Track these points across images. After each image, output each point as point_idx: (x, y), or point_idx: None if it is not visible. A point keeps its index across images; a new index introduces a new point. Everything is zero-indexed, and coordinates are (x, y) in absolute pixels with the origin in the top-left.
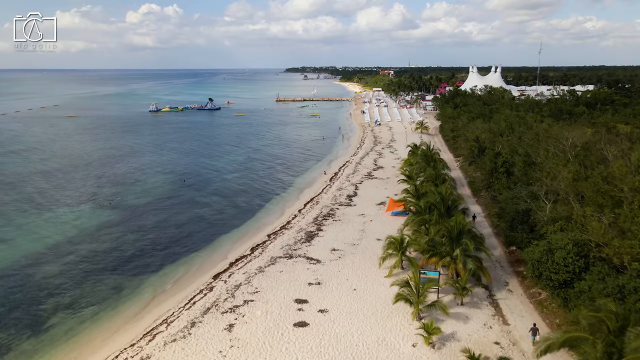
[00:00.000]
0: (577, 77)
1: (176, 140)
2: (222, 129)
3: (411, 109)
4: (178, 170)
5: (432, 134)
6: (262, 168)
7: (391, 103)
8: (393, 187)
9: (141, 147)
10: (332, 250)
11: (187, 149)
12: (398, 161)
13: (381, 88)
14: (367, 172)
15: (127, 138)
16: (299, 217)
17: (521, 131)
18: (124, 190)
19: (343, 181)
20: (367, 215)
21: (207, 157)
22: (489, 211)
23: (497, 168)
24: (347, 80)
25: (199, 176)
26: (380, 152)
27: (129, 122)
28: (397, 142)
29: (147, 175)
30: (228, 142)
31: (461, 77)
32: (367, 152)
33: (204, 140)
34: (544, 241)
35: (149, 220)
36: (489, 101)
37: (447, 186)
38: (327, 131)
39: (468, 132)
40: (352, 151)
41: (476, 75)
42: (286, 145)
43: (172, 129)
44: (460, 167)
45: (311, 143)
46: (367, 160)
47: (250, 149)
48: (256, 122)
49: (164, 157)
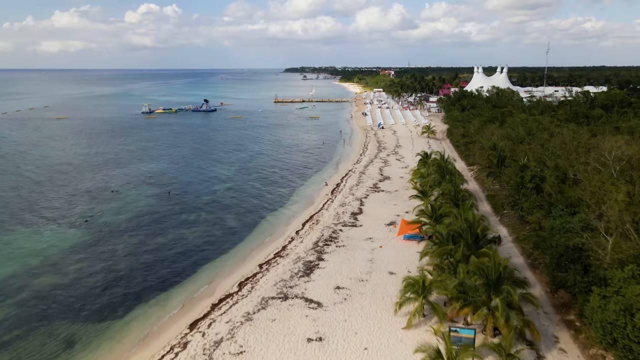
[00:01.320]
0: (584, 78)
1: (166, 145)
2: (216, 133)
3: (415, 111)
4: (164, 181)
5: (440, 139)
6: (256, 178)
7: (393, 104)
8: (403, 202)
9: (127, 153)
10: (336, 289)
11: (176, 156)
12: (406, 170)
13: (382, 89)
14: (372, 183)
15: (114, 143)
16: (296, 241)
17: (543, 138)
18: (101, 206)
19: (346, 194)
20: (375, 239)
21: (197, 164)
22: (517, 234)
23: (525, 183)
24: (346, 81)
25: (186, 187)
26: (386, 159)
27: (119, 124)
28: (403, 148)
29: (129, 186)
30: (221, 148)
31: (464, 78)
32: (371, 160)
33: (195, 146)
34: (618, 297)
35: (124, 244)
36: (499, 103)
37: (472, 210)
38: (327, 135)
39: (483, 138)
40: (354, 158)
41: (481, 75)
42: (284, 151)
43: (163, 132)
44: (476, 178)
45: (310, 148)
46: (371, 169)
47: (244, 156)
48: (253, 124)
49: (150, 164)
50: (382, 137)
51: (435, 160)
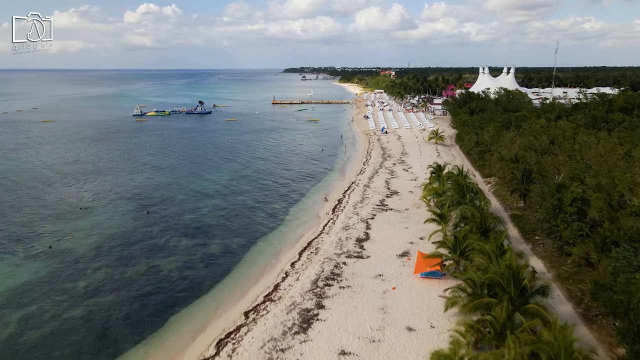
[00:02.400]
0: (592, 79)
1: (152, 152)
2: (208, 138)
3: (418, 114)
4: (144, 195)
5: (448, 145)
6: (248, 192)
7: (396, 106)
8: (416, 224)
9: (108, 161)
10: (341, 355)
11: (162, 165)
12: (416, 183)
13: (383, 90)
14: (379, 199)
15: (96, 149)
16: (291, 278)
17: (572, 149)
18: (69, 226)
19: (349, 214)
20: (386, 276)
21: (184, 175)
22: (557, 269)
23: (564, 207)
24: (346, 81)
25: (168, 204)
26: (392, 169)
27: (106, 128)
28: (410, 156)
29: (104, 201)
30: (212, 155)
31: (466, 78)
32: (376, 170)
33: (184, 152)
34: None
35: (86, 280)
36: (509, 106)
37: (511, 252)
38: (327, 140)
39: (501, 147)
40: (357, 167)
41: (487, 76)
42: (280, 159)
43: (152, 137)
44: (495, 193)
45: (309, 156)
46: (377, 182)
47: (237, 165)
48: (249, 128)
49: (132, 175)
50: (387, 143)
51: (450, 174)
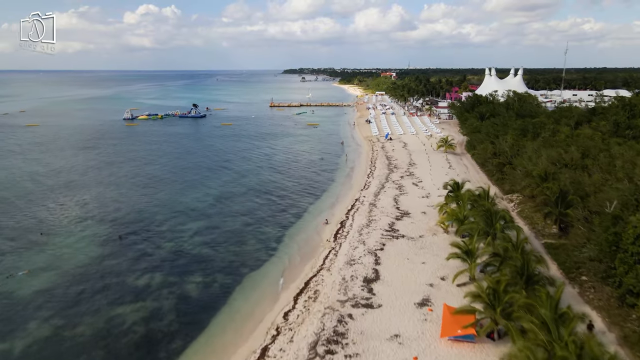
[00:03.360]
0: (600, 80)
1: (136, 161)
2: (200, 144)
3: (423, 117)
4: (119, 215)
5: (459, 154)
6: (238, 212)
7: (399, 110)
8: (434, 257)
9: (84, 172)
10: None
11: (143, 177)
12: (428, 201)
13: (384, 92)
14: (387, 222)
15: (76, 158)
16: (283, 338)
17: (610, 164)
18: (23, 258)
19: (354, 242)
20: (405, 337)
21: (167, 190)
22: (622, 329)
23: (623, 244)
24: (346, 83)
25: (145, 227)
26: (400, 183)
27: (93, 133)
28: (418, 167)
29: (70, 224)
30: (202, 165)
31: (469, 80)
32: (382, 184)
33: (171, 162)
34: None
35: (30, 337)
36: (522, 111)
37: (575, 320)
38: (327, 147)
39: (524, 159)
40: (361, 180)
41: (495, 78)
42: (275, 170)
43: (139, 144)
44: (521, 214)
45: (307, 166)
46: (384, 199)
47: (228, 177)
48: (243, 133)
49: (108, 190)
50: (392, 151)
51: (470, 194)
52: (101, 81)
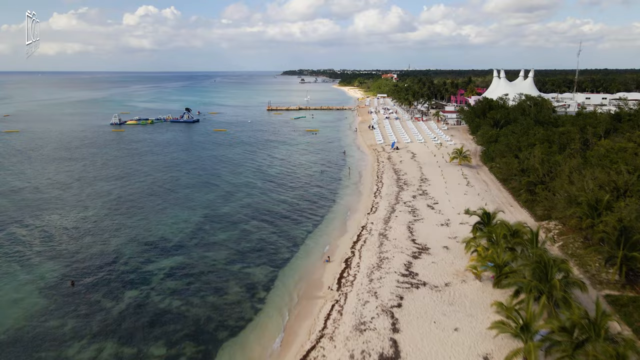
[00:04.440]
0: (615, 82)
1: (113, 175)
2: (188, 154)
3: (429, 123)
4: (78, 249)
5: (475, 166)
6: (220, 244)
7: (403, 114)
8: (469, 321)
9: (50, 190)
10: None
11: (117, 197)
12: (449, 231)
13: (386, 94)
14: (403, 262)
15: (46, 171)
16: None
17: None
18: None
19: (364, 294)
20: None
21: (142, 214)
22: None
23: None
24: (346, 84)
25: (107, 265)
26: (413, 205)
27: (74, 141)
28: (432, 184)
29: (13, 261)
30: (186, 181)
31: (474, 82)
32: (392, 206)
33: (152, 178)
34: None
35: None
36: (540, 117)
37: None
38: (327, 157)
39: (564, 182)
40: (367, 201)
41: (504, 81)
42: (268, 187)
43: (121, 153)
44: (565, 249)
45: (306, 182)
46: (396, 228)
47: (213, 196)
48: (237, 141)
49: (72, 213)
50: (400, 164)
51: (506, 230)
52: (98, 83)
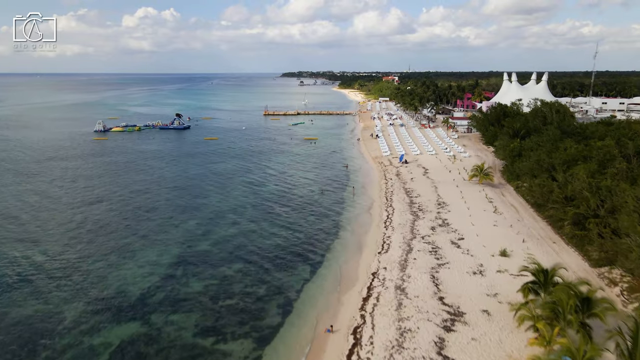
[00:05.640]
0: (630, 86)
1: (75, 199)
2: (172, 169)
3: (437, 130)
4: (9, 311)
5: (497, 185)
6: (191, 303)
7: (408, 120)
8: None
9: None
10: None
11: (72, 227)
12: (486, 283)
13: (388, 97)
14: (432, 338)
15: (1, 192)
16: None
17: None
18: None
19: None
20: None
21: (98, 256)
22: None
23: None
24: (347, 87)
25: (37, 342)
26: (433, 241)
27: (49, 151)
28: (452, 210)
29: None
30: (163, 206)
31: (479, 85)
32: (408, 242)
33: (123, 200)
34: None
35: None
36: (565, 126)
37: None
38: (328, 172)
39: (631, 217)
40: (376, 233)
41: (516, 85)
42: (258, 214)
43: (96, 169)
44: None
45: (302, 205)
46: (416, 277)
47: (193, 224)
48: (229, 151)
49: (10, 254)
50: (410, 181)
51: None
52: (95, 85)
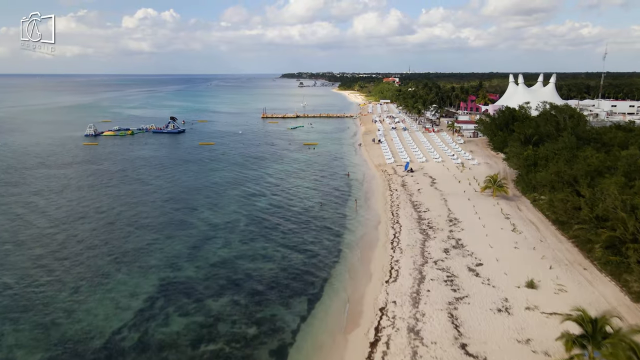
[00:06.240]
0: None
1: (61, 217)
2: (162, 178)
3: (442, 134)
4: None
5: (512, 197)
6: (168, 350)
7: (410, 123)
8: None
9: None
10: None
11: (55, 247)
12: (514, 325)
13: (390, 100)
14: None
15: None
16: None
17: None
18: None
19: None
20: None
21: (71, 286)
22: None
23: None
24: (347, 88)
25: None
26: (448, 267)
27: (35, 158)
28: (466, 228)
29: None
30: (148, 223)
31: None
32: (419, 269)
33: (107, 216)
34: None
35: None
36: (580, 132)
37: None
38: (328, 181)
39: None
40: (383, 257)
41: (522, 87)
42: (251, 233)
43: (83, 178)
44: None
45: (299, 221)
46: (432, 316)
47: (180, 246)
48: (224, 158)
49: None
50: (417, 193)
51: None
52: (93, 86)
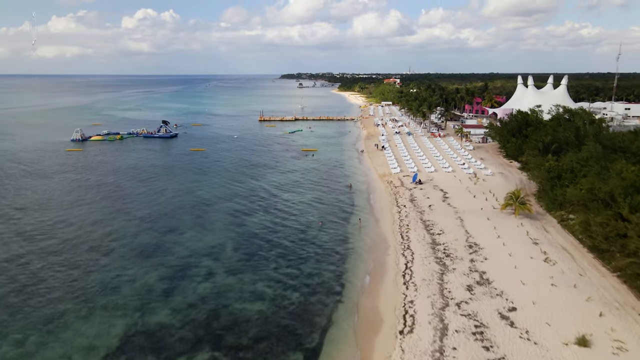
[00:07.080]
0: None
1: (21, 234)
2: (145, 194)
3: (449, 140)
4: None
5: (536, 216)
6: None
7: (415, 127)
8: None
9: None
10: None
11: (7, 281)
12: None
13: (392, 102)
14: None
15: None
16: None
17: None
18: None
19: None
20: None
21: (16, 336)
22: None
23: None
24: (347, 89)
25: None
26: (474, 313)
27: (13, 167)
28: (489, 256)
29: None
30: (122, 249)
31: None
32: (439, 315)
33: (77, 239)
34: None
35: None
36: (605, 140)
37: None
38: (328, 195)
39: None
40: (394, 296)
41: (532, 89)
42: (238, 263)
43: (58, 190)
44: None
45: (295, 244)
46: None
47: (154, 278)
48: (215, 166)
49: None
50: (429, 210)
51: None
52: (91, 87)
